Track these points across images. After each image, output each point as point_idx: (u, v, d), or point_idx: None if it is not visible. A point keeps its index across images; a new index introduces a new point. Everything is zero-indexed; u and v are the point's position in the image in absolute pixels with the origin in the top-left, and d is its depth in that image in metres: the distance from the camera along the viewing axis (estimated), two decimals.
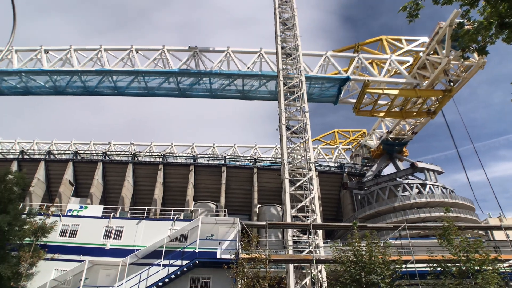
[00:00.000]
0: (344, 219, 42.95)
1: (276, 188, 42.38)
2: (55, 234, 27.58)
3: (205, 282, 25.50)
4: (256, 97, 41.44)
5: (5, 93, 44.67)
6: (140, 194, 45.59)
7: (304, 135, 30.35)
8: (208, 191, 43.68)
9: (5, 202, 22.73)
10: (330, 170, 45.85)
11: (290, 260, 24.66)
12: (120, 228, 27.93)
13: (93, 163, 45.09)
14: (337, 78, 39.13)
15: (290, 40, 36.84)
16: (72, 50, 40.75)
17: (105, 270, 26.43)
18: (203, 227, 26.27)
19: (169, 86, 41.03)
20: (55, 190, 45.16)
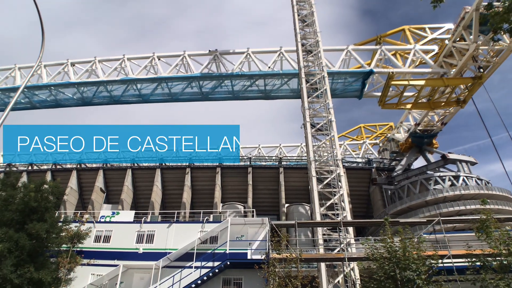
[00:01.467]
0: (375, 215, 41.98)
1: (303, 186, 41.96)
2: (90, 240, 28.52)
3: (237, 283, 25.57)
4: (278, 96, 41.32)
5: (37, 106, 46.71)
6: (169, 198, 46.35)
7: (330, 132, 29.90)
8: (235, 193, 43.83)
9: (42, 211, 23.61)
10: (358, 166, 44.99)
11: (322, 258, 24.29)
12: (151, 232, 28.49)
13: (122, 170, 46.24)
14: (360, 72, 38.42)
15: (310, 37, 36.44)
16: (97, 62, 42.08)
17: (139, 274, 27.03)
18: (233, 228, 26.36)
19: (192, 91, 41.60)
20: (87, 198, 46.63)
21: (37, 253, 23.13)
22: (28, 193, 23.30)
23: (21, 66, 44.76)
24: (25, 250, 21.88)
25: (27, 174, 47.66)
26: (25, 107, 46.63)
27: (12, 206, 23.08)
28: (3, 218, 22.54)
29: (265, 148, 57.79)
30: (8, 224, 22.53)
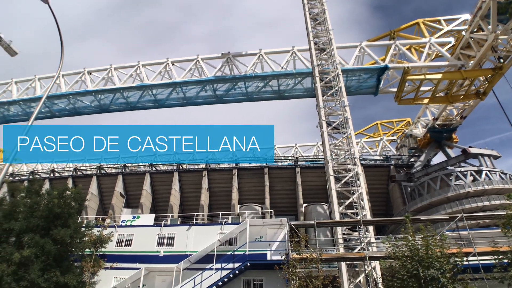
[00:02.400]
0: (395, 213, 41.33)
1: (321, 186, 41.66)
2: (112, 244, 29.04)
3: (257, 284, 25.61)
4: (292, 96, 41.21)
5: (56, 115, 47.92)
6: (187, 201, 46.78)
7: (346, 130, 29.59)
8: (252, 194, 43.90)
9: (66, 216, 24.16)
10: (376, 163, 44.37)
11: (342, 258, 24.05)
12: (172, 235, 28.85)
13: (140, 174, 46.97)
14: (375, 68, 37.96)
15: (323, 35, 36.18)
16: (112, 69, 42.91)
17: (161, 276, 27.39)
18: (251, 229, 26.42)
19: (206, 94, 41.95)
20: (107, 203, 47.55)
21: (62, 258, 23.70)
22: (52, 200, 23.91)
23: (40, 76, 46.02)
24: (50, 255, 22.44)
25: (49, 181, 48.94)
26: (45, 116, 47.86)
27: (37, 212, 23.70)
28: (29, 225, 23.17)
29: (280, 148, 57.64)
30: (34, 230, 23.15)
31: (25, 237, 22.57)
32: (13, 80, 46.85)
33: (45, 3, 13.96)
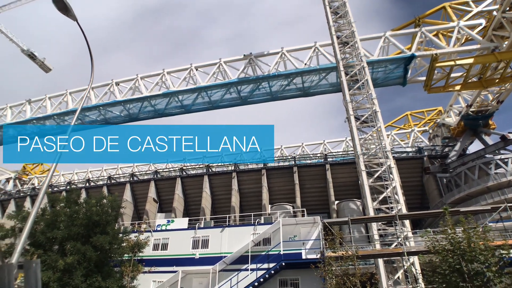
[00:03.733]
0: (431, 206, 39.90)
1: (352, 182, 40.96)
2: (149, 248, 29.80)
3: (293, 283, 25.47)
4: (317, 92, 40.69)
5: (88, 127, 49.73)
6: (218, 203, 47.27)
7: (376, 123, 28.90)
8: (283, 193, 43.74)
9: (104, 224, 25.01)
10: (408, 155, 42.96)
11: (379, 254, 23.49)
12: (206, 237, 29.24)
13: (172, 179, 47.90)
14: (401, 58, 36.84)
15: (345, 28, 35.54)
16: (139, 79, 44.01)
17: (198, 278, 27.82)
18: (285, 229, 26.32)
19: (231, 97, 42.22)
20: (142, 208, 48.84)
21: (102, 264, 24.54)
22: (90, 208, 24.83)
23: (71, 90, 47.93)
24: (92, 261, 23.30)
25: (85, 190, 50.85)
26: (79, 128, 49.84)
27: (77, 221, 24.66)
28: (70, 233, 24.14)
29: (308, 146, 57.12)
30: (75, 238, 24.11)
31: (68, 245, 23.53)
32: (47, 96, 49.06)
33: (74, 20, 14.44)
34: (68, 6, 13.89)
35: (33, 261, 6.98)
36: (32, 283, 6.69)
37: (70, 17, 14.45)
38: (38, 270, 6.64)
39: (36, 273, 6.66)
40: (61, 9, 14.08)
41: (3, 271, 6.51)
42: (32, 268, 6.63)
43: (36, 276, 6.60)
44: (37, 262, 6.77)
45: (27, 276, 6.57)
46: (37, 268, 6.61)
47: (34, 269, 6.63)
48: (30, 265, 6.62)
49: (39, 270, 6.69)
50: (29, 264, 6.62)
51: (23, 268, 6.67)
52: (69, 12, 14.18)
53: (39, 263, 6.76)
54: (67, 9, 14.02)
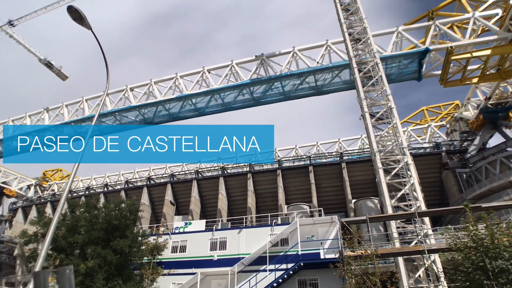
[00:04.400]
0: (451, 202, 39.06)
1: (369, 180, 40.49)
2: (167, 251, 30.13)
3: (312, 283, 25.34)
4: (331, 90, 40.36)
5: (105, 132, 50.58)
6: (235, 204, 47.41)
7: (391, 119, 28.48)
8: (299, 193, 43.56)
9: (123, 227, 25.42)
10: (426, 151, 42.15)
11: (399, 253, 23.10)
12: (223, 239, 29.36)
13: (188, 182, 48.30)
14: (415, 52, 36.20)
15: (356, 25, 35.17)
16: (152, 83, 44.53)
17: (216, 280, 27.95)
18: (302, 229, 26.21)
19: (243, 98, 42.28)
20: (159, 211, 49.40)
21: (122, 267, 24.94)
22: (109, 213, 25.26)
23: (87, 97, 48.82)
24: (112, 264, 23.71)
25: (103, 195, 51.72)
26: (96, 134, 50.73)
27: (97, 225, 25.13)
28: (90, 237, 24.63)
29: (323, 144, 56.64)
30: (95, 242, 24.58)
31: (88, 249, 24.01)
32: (64, 103, 50.12)
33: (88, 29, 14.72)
34: (83, 16, 14.19)
35: (67, 267, 7.23)
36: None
37: (85, 26, 14.75)
38: (71, 276, 6.89)
39: (70, 278, 6.91)
40: (76, 19, 14.39)
41: (39, 277, 6.79)
42: (66, 274, 6.88)
43: (70, 282, 6.84)
44: (70, 268, 7.00)
45: (61, 281, 6.79)
46: (70, 274, 6.86)
47: (68, 275, 6.88)
48: (64, 271, 6.88)
49: (72, 276, 6.94)
50: (63, 271, 6.88)
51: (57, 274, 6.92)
52: (83, 22, 14.48)
53: (72, 269, 6.99)
54: (82, 18, 14.32)
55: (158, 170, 64.46)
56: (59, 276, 6.91)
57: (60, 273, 6.96)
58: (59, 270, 7.08)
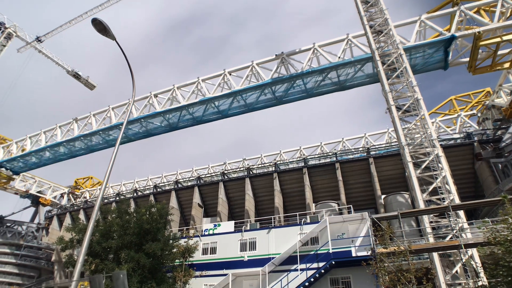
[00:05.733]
0: (486, 194, 37.47)
1: (398, 174, 39.51)
2: (198, 253, 30.50)
3: (345, 282, 24.97)
4: (354, 85, 39.63)
5: (132, 139, 51.86)
6: (262, 205, 47.43)
7: (419, 111, 27.66)
8: (326, 191, 43.04)
9: (154, 231, 25.96)
10: (457, 142, 40.65)
11: (434, 248, 22.38)
12: (253, 240, 29.42)
13: (214, 184, 48.74)
14: (440, 40, 35.02)
15: (377, 17, 34.39)
16: (175, 89, 45.23)
17: (248, 281, 28.04)
18: (332, 227, 25.90)
19: (266, 98, 42.24)
20: (188, 214, 50.12)
21: (156, 270, 25.47)
22: (141, 217, 25.86)
23: (113, 106, 50.20)
24: (146, 268, 24.25)
25: (133, 200, 52.99)
26: (123, 141, 52.08)
27: (129, 230, 25.78)
28: (123, 242, 25.30)
29: (349, 140, 55.76)
30: (128, 247, 25.23)
31: (122, 253, 24.65)
32: (91, 113, 51.76)
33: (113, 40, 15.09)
34: (107, 27, 14.59)
35: (120, 272, 7.59)
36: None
37: (109, 37, 15.16)
38: (125, 280, 7.20)
39: (124, 283, 7.20)
40: (100, 30, 14.82)
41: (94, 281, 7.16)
42: (120, 278, 7.22)
43: (124, 285, 7.13)
44: (124, 273, 7.31)
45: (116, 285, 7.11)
46: (124, 279, 7.17)
47: (122, 279, 7.20)
48: (118, 276, 7.23)
49: (126, 280, 7.23)
50: (117, 275, 7.22)
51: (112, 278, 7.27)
52: (108, 33, 14.89)
53: (125, 274, 7.28)
54: (106, 30, 14.73)
55: (184, 174, 65.49)
56: (114, 280, 7.22)
57: (115, 277, 7.27)
58: (114, 274, 7.40)
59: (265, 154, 61.29)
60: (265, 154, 61.29)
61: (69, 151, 55.98)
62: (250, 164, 55.93)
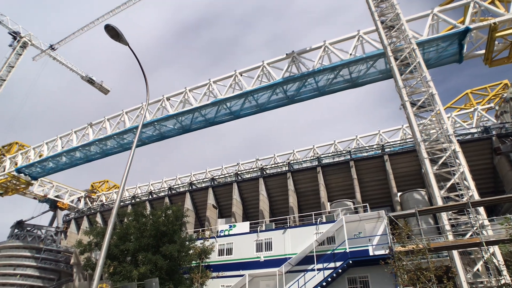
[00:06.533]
0: (507, 189, 36.50)
1: (414, 171, 38.89)
2: (214, 254, 30.61)
3: (363, 281, 24.70)
4: (367, 82, 39.13)
5: (146, 142, 52.36)
6: (276, 205, 47.31)
7: (434, 106, 27.16)
8: (341, 189, 42.66)
9: (171, 233, 26.16)
10: (474, 137, 39.76)
11: (453, 246, 21.92)
12: (269, 240, 29.36)
13: (228, 185, 48.83)
14: (454, 33, 34.27)
15: (388, 12, 33.91)
16: (187, 91, 45.47)
17: (264, 281, 28.00)
18: (348, 226, 25.66)
19: (277, 97, 42.07)
20: (202, 215, 50.34)
21: (173, 272, 25.67)
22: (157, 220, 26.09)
23: (127, 110, 50.78)
24: (163, 270, 24.46)
25: (149, 202, 53.53)
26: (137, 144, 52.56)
27: (146, 232, 26.04)
28: (140, 244, 25.57)
29: (363, 138, 55.15)
30: (145, 249, 25.49)
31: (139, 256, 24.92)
32: (105, 117, 52.48)
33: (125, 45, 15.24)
34: (120, 33, 14.74)
35: (153, 280, 7.82)
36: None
37: (122, 42, 15.33)
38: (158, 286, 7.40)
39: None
40: (113, 36, 14.98)
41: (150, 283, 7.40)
42: (153, 286, 7.44)
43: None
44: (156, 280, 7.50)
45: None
46: (156, 286, 7.38)
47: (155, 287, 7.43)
48: (151, 283, 7.45)
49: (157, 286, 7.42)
50: (150, 283, 7.44)
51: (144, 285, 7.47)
52: (120, 38, 15.05)
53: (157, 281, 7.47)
54: (119, 35, 14.89)
55: (198, 175, 65.85)
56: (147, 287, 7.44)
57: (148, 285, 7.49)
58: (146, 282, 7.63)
59: (278, 154, 61.16)
60: (278, 154, 61.16)
61: (84, 156, 56.84)
62: (263, 164, 55.86)
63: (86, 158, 57.29)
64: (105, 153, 55.67)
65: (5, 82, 72.92)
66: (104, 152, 55.51)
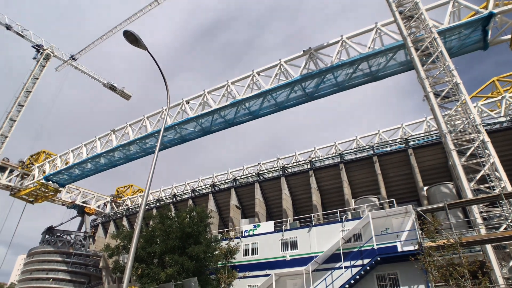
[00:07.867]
0: None
1: (441, 164, 37.77)
2: (240, 254, 30.66)
3: (392, 278, 24.16)
4: (387, 74, 38.25)
5: (167, 146, 53.08)
6: (299, 203, 46.98)
7: (459, 96, 26.28)
8: (365, 185, 41.92)
9: (196, 234, 26.36)
10: (503, 126, 38.27)
11: (487, 240, 21.11)
12: (294, 239, 29.17)
13: (250, 185, 48.84)
14: (477, 19, 33.04)
15: (406, 1, 33.09)
16: (206, 93, 45.79)
17: (291, 280, 27.84)
18: (375, 222, 25.16)
19: (296, 95, 41.75)
20: (226, 216, 50.58)
21: (199, 273, 25.85)
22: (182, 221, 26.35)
23: (148, 115, 51.62)
24: (190, 271, 24.66)
25: (173, 205, 54.19)
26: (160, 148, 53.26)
27: (172, 234, 26.35)
28: (167, 246, 25.88)
29: (386, 132, 53.96)
30: (172, 251, 25.78)
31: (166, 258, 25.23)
32: (127, 123, 53.50)
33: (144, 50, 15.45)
34: (138, 38, 14.95)
35: (192, 280, 7.92)
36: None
37: (141, 47, 15.54)
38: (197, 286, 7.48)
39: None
40: (132, 41, 15.20)
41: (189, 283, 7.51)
42: (192, 286, 7.56)
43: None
44: (195, 280, 7.58)
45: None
46: (196, 285, 7.47)
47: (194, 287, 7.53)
48: (189, 283, 7.55)
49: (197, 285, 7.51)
50: (189, 283, 7.54)
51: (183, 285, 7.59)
52: (139, 44, 15.26)
53: (196, 281, 7.55)
54: (137, 41, 15.10)
55: (220, 177, 66.23)
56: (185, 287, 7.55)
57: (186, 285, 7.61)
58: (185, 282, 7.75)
59: (299, 152, 60.69)
60: (299, 152, 60.69)
61: (109, 161, 58.14)
62: (285, 163, 55.56)
63: (111, 163, 58.59)
64: (129, 158, 56.75)
65: (31, 94, 75.52)
66: (127, 157, 56.60)
